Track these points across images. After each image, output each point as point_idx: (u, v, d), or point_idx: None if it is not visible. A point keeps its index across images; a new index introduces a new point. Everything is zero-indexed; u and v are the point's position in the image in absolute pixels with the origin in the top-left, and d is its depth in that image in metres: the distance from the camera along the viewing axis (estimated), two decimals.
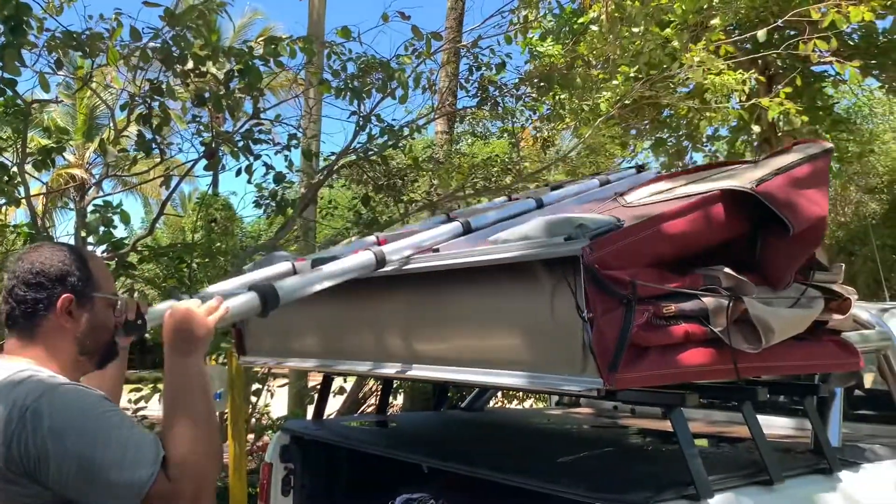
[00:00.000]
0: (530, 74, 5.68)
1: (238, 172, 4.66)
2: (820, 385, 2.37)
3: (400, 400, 6.58)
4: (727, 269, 1.97)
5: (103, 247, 4.42)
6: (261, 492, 3.14)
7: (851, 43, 12.33)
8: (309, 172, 5.82)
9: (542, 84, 5.70)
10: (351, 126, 5.06)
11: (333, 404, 6.21)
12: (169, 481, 1.38)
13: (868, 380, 4.23)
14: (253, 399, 6.03)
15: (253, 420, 5.87)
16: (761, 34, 5.95)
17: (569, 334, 1.78)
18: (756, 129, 9.89)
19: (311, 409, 5.26)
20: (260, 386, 5.92)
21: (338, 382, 5.98)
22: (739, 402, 2.13)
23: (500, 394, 5.98)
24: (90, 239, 4.34)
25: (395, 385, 5.51)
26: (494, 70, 5.77)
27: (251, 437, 6.16)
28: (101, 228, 4.34)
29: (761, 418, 3.10)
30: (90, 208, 4.54)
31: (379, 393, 4.23)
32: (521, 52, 6.56)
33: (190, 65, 3.91)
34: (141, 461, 1.36)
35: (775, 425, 3.14)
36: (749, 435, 2.11)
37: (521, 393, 5.90)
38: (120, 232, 5.52)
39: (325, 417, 3.57)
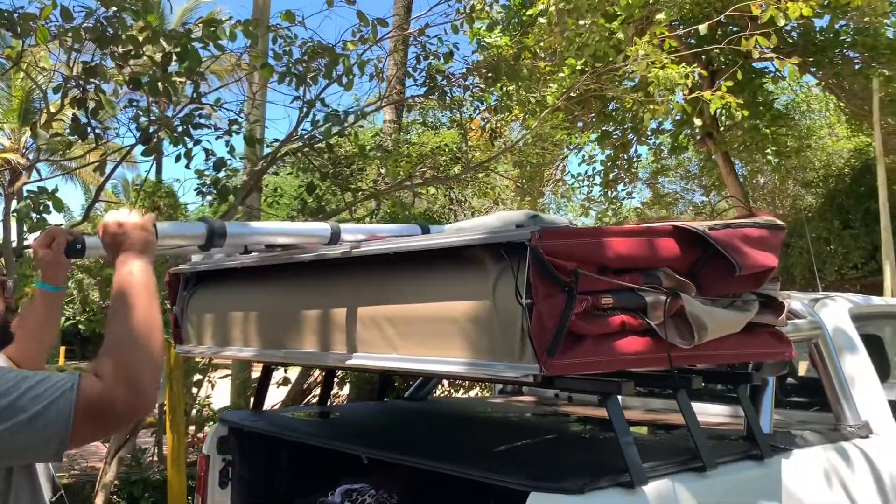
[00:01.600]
0: (478, 65, 5.67)
1: (177, 158, 4.54)
2: (753, 374, 2.42)
3: (347, 390, 6.54)
4: (668, 270, 1.99)
5: (36, 234, 4.26)
6: (198, 484, 3.08)
7: (791, 40, 12.68)
8: (252, 159, 5.71)
9: (489, 75, 5.70)
10: (296, 112, 4.99)
11: (278, 395, 6.14)
12: (99, 380, 1.25)
13: (801, 368, 4.36)
14: (194, 390, 5.91)
15: (194, 411, 5.76)
16: (703, 28, 6.06)
17: (509, 321, 1.79)
18: (698, 122, 10.09)
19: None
20: (201, 377, 5.81)
21: (282, 373, 5.91)
22: (674, 391, 2.16)
23: (446, 383, 5.99)
24: (23, 227, 4.18)
25: (340, 375, 5.47)
26: (442, 59, 5.75)
27: (192, 428, 6.05)
28: (34, 215, 4.19)
29: (701, 406, 3.20)
30: (25, 194, 4.38)
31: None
32: (469, 42, 6.56)
33: (127, 47, 3.78)
34: (58, 382, 1.25)
35: (713, 413, 3.21)
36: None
37: (466, 382, 5.92)
38: (57, 219, 5.34)
39: (267, 409, 3.52)
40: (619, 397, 1.97)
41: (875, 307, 3.51)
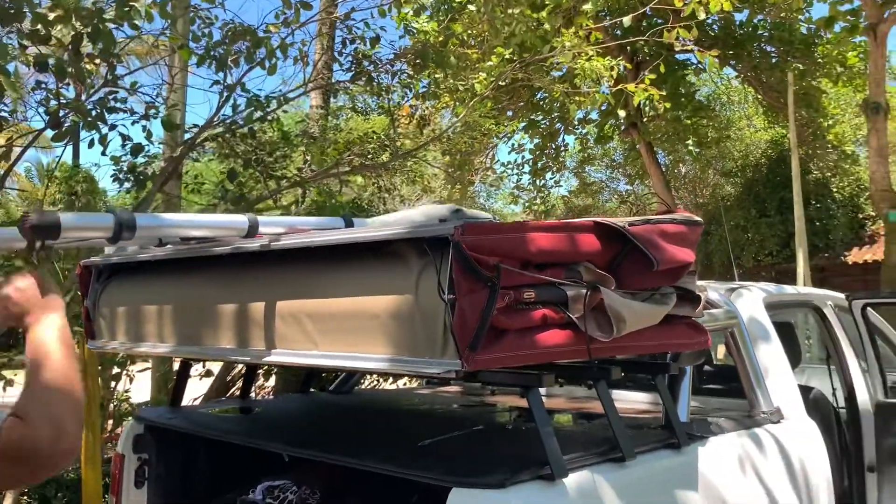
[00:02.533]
0: (405, 51, 5.61)
1: (91, 143, 4.33)
2: (670, 364, 2.47)
3: (273, 381, 6.42)
4: (589, 264, 2.00)
5: None
6: (113, 484, 2.97)
7: (711, 33, 13.05)
8: (171, 145, 5.52)
9: (417, 61, 5.64)
10: (216, 97, 4.82)
11: (200, 388, 5.97)
12: (20, 420, 1.22)
13: (720, 352, 4.50)
14: (112, 384, 5.70)
15: (112, 406, 5.55)
16: (627, 20, 6.16)
17: (431, 317, 1.76)
18: (622, 113, 10.29)
19: None
20: (119, 370, 5.60)
21: (204, 366, 5.75)
22: (594, 381, 2.18)
23: (374, 375, 5.94)
24: None
25: (265, 368, 5.36)
26: (368, 44, 5.66)
27: (111, 422, 5.84)
28: None
29: (623, 393, 3.25)
30: None
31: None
32: (397, 26, 6.49)
33: (35, 26, 3.57)
34: None
35: (635, 400, 3.28)
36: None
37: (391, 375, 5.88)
38: None
39: (187, 403, 3.41)
40: (542, 388, 1.98)
41: (787, 296, 3.64)
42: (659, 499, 2.20)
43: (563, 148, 17.00)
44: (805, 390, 3.26)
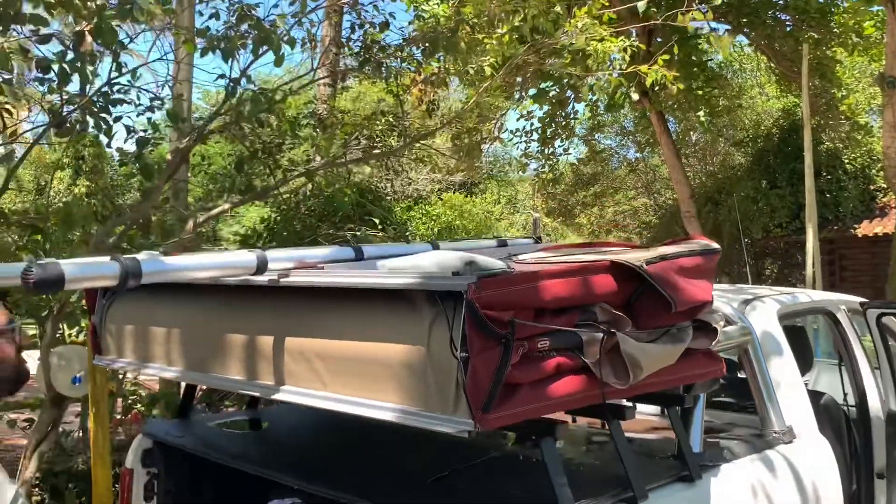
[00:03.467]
0: (415, 38, 5.49)
1: (96, 136, 4.27)
2: (684, 396, 2.44)
3: None
4: (605, 305, 1.96)
5: None
6: (121, 497, 2.98)
7: (725, 1, 12.75)
8: (179, 131, 5.44)
9: (426, 45, 5.52)
10: (223, 89, 4.74)
11: None
12: None
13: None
14: (120, 375, 5.72)
15: (119, 401, 5.56)
16: (642, 5, 6.01)
17: (443, 371, 1.73)
18: (635, 96, 10.11)
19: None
20: None
21: None
22: (608, 422, 2.16)
23: None
24: None
25: None
26: (378, 28, 5.54)
27: (120, 405, 5.87)
28: None
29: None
30: None
31: None
32: (407, 9, 6.34)
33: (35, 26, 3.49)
34: None
35: (643, 412, 3.25)
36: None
37: None
38: None
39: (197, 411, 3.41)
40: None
41: (801, 305, 3.58)
42: None
43: (572, 115, 16.80)
44: (815, 397, 3.22)
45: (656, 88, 12.85)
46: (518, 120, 14.09)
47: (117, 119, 4.57)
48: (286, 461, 2.58)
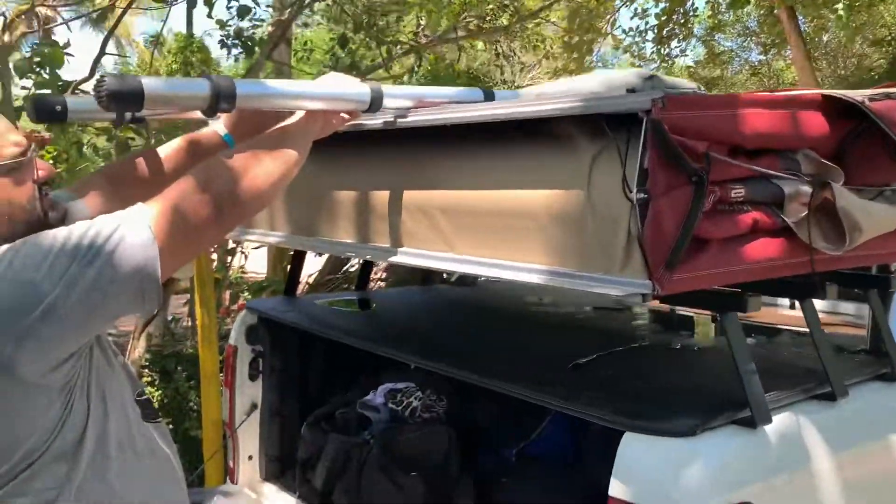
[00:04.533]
0: None
1: (194, 3, 3.99)
2: (892, 278, 1.96)
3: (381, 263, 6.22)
4: (811, 151, 1.50)
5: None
6: (226, 376, 2.80)
7: None
8: (279, 7, 5.11)
9: None
10: None
11: (314, 264, 5.82)
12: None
13: None
14: (227, 258, 5.64)
15: (228, 281, 5.50)
16: None
17: (609, 219, 1.33)
18: None
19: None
20: (234, 245, 5.51)
21: None
22: (801, 300, 1.73)
23: None
24: (25, 83, 3.73)
25: None
26: None
27: (227, 296, 5.84)
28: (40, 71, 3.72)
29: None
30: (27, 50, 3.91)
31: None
32: None
33: None
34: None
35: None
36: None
37: None
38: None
39: (302, 289, 3.18)
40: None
41: None
42: (875, 445, 1.77)
43: (691, 13, 15.51)
44: None
45: None
46: (632, 19, 13.09)
47: None
48: (401, 339, 2.29)
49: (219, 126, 1.73)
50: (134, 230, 1.07)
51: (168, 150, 1.63)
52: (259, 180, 1.25)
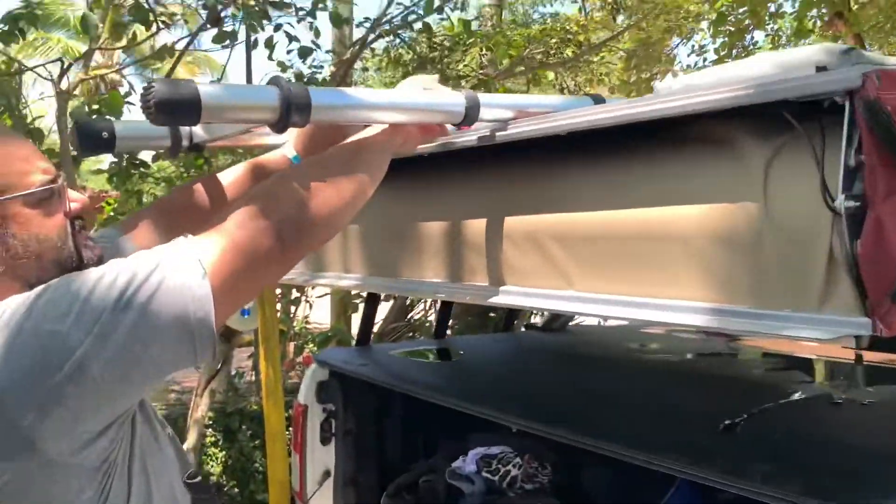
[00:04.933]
0: None
1: (254, 44, 3.84)
2: None
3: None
4: None
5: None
6: (294, 439, 2.51)
7: None
8: (340, 50, 4.96)
9: None
10: None
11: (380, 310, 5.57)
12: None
13: None
14: (291, 309, 5.43)
15: (292, 332, 5.28)
16: None
17: (801, 239, 1.01)
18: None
19: (355, 319, 4.61)
20: (298, 294, 5.30)
21: None
22: None
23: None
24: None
25: None
26: None
27: (291, 348, 5.61)
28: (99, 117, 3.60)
29: None
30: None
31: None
32: None
33: None
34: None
35: None
36: None
37: None
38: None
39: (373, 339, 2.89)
40: None
41: None
42: None
43: (751, 46, 15.09)
44: None
45: (854, 7, 11.13)
46: (688, 56, 12.77)
47: (277, 28, 4.14)
48: (493, 396, 1.96)
49: (287, 149, 1.48)
50: (180, 267, 0.86)
51: (230, 176, 1.39)
52: (330, 204, 1.05)
